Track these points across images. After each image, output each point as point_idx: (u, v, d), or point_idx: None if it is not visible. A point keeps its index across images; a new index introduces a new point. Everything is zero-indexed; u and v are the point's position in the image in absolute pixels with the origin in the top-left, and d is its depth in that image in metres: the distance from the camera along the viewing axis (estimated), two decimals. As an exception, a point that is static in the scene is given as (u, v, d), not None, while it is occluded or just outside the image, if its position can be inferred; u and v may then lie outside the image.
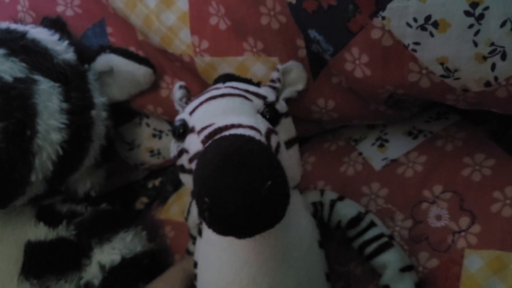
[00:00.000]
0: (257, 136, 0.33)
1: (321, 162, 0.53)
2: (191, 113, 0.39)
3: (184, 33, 0.48)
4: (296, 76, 0.46)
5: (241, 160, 0.29)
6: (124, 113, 0.58)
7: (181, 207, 0.59)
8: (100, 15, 0.55)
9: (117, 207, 0.55)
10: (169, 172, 0.64)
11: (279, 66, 0.45)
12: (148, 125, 0.59)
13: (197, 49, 0.48)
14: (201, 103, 0.39)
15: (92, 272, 0.49)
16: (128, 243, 0.51)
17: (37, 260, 0.48)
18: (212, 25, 0.48)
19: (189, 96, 0.46)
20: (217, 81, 0.44)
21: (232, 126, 0.34)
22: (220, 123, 0.34)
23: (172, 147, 0.41)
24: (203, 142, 0.34)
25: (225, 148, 0.30)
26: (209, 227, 0.31)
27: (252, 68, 0.48)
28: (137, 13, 0.50)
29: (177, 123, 0.39)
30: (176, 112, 0.54)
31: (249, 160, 0.30)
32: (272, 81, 0.44)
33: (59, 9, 0.55)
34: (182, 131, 0.38)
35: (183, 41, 0.49)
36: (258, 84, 0.44)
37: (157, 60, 0.53)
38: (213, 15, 0.48)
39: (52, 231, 0.49)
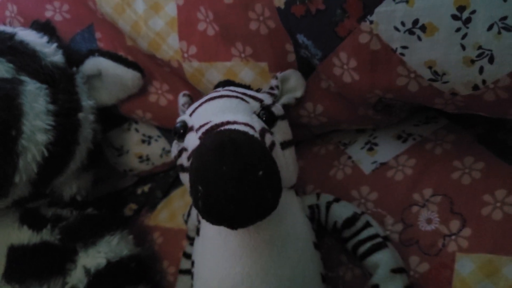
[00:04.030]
0: (251, 131, 0.35)
1: (310, 166, 0.53)
2: (191, 114, 0.41)
3: (172, 39, 0.48)
4: (294, 84, 0.47)
5: (234, 150, 0.31)
6: (112, 118, 0.57)
7: (170, 213, 0.58)
8: (88, 20, 0.55)
9: (103, 212, 0.55)
10: (158, 178, 0.63)
11: (278, 74, 0.46)
12: (137, 130, 0.59)
13: (185, 55, 0.48)
14: (200, 105, 0.41)
15: (77, 277, 0.48)
16: (114, 247, 0.50)
17: (19, 264, 0.47)
18: (200, 31, 0.48)
19: (191, 102, 0.47)
20: (217, 86, 0.46)
21: (228, 122, 0.36)
22: (217, 120, 0.36)
23: (173, 148, 0.42)
24: (200, 138, 0.36)
25: (219, 139, 0.32)
26: (203, 216, 0.32)
27: (240, 74, 0.48)
28: (125, 18, 0.49)
29: (177, 124, 0.40)
30: (165, 118, 0.54)
31: (242, 150, 0.31)
32: (271, 88, 0.45)
33: (48, 14, 0.55)
34: (182, 132, 0.40)
35: (171, 47, 0.48)
36: (257, 91, 0.45)
37: (146, 65, 0.52)
38: (201, 21, 0.48)
39: (36, 235, 0.48)
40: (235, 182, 0.30)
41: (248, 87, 0.46)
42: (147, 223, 0.60)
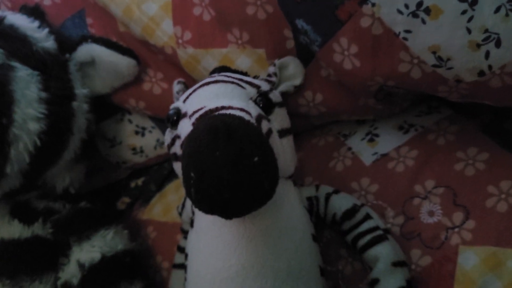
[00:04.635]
0: (246, 117, 0.34)
1: (309, 158, 0.51)
2: (184, 100, 0.39)
3: (166, 24, 0.47)
4: (293, 71, 0.46)
5: (228, 135, 0.30)
6: (105, 108, 0.55)
7: (164, 207, 0.57)
8: (79, 5, 0.53)
9: (97, 205, 0.53)
10: (152, 171, 0.61)
11: (276, 61, 0.45)
12: (130, 121, 0.57)
13: (180, 41, 0.47)
14: (194, 90, 0.39)
15: (70, 271, 0.46)
16: (109, 241, 0.48)
17: (10, 259, 0.45)
18: (195, 16, 0.46)
19: (186, 90, 0.45)
20: (212, 72, 0.44)
21: (223, 107, 0.34)
22: (211, 105, 0.35)
23: (166, 136, 0.41)
24: (194, 124, 0.34)
25: (212, 124, 0.30)
26: (195, 205, 0.30)
27: (237, 61, 0.46)
28: (117, 2, 0.48)
29: (170, 111, 0.39)
30: (159, 107, 0.52)
31: (236, 135, 0.30)
32: (268, 75, 0.44)
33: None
34: (175, 118, 0.38)
35: (165, 32, 0.47)
36: (254, 78, 0.43)
37: (139, 52, 0.51)
38: (196, 5, 0.46)
39: (27, 229, 0.47)
40: (229, 168, 0.29)
41: (245, 74, 0.44)
42: (140, 217, 0.58)
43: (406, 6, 0.35)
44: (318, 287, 0.38)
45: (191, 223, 0.42)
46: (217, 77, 0.40)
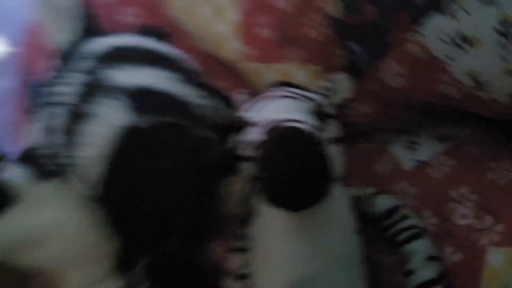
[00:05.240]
0: (307, 129, 0.40)
1: (354, 161, 0.56)
2: (249, 110, 0.46)
3: (235, 41, 0.54)
4: (344, 86, 0.51)
5: (295, 146, 0.37)
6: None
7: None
8: (155, 22, 0.60)
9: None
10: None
11: (329, 77, 0.51)
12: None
13: (246, 56, 0.54)
14: (262, 103, 0.46)
15: None
16: None
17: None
18: (261, 35, 0.53)
19: (249, 99, 0.52)
20: (275, 86, 0.50)
21: (289, 120, 0.41)
22: (279, 118, 0.41)
23: (230, 140, 0.47)
24: (262, 133, 0.41)
25: (282, 136, 0.38)
26: (268, 200, 0.38)
27: (295, 75, 0.52)
28: (195, 22, 0.55)
29: (236, 119, 0.46)
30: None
31: (302, 146, 0.37)
32: (322, 89, 0.50)
33: (121, 17, 0.61)
34: (241, 126, 0.45)
35: (234, 49, 0.54)
36: (310, 92, 0.49)
37: (209, 63, 0.57)
38: (262, 26, 0.53)
39: None
40: (296, 172, 0.36)
41: (302, 87, 0.51)
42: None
43: (449, 37, 0.40)
44: (361, 273, 0.44)
45: (255, 213, 0.49)
46: (281, 92, 0.47)
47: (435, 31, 0.41)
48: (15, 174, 0.42)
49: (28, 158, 0.44)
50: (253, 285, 0.49)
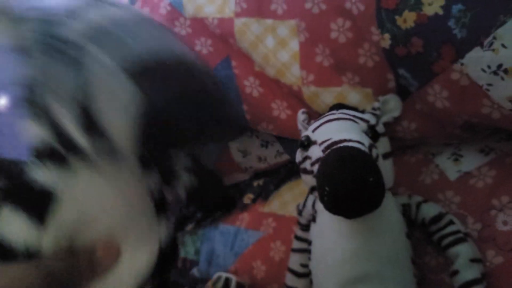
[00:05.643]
0: (362, 148, 0.46)
1: (402, 172, 0.62)
2: (313, 131, 0.53)
3: (295, 68, 0.61)
4: (393, 106, 0.57)
5: (352, 163, 0.43)
6: (241, 130, 0.72)
7: (282, 203, 0.72)
8: (226, 52, 0.68)
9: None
10: (271, 174, 0.77)
11: (380, 98, 0.57)
12: (257, 137, 0.74)
13: (305, 81, 0.61)
14: (321, 124, 0.53)
15: None
16: None
17: None
18: (317, 62, 0.60)
19: (309, 119, 0.60)
20: (332, 108, 0.58)
21: (345, 140, 0.47)
22: (336, 138, 0.48)
23: (297, 154, 0.55)
24: (323, 151, 0.48)
25: (340, 154, 0.44)
26: (327, 209, 0.44)
27: (349, 97, 0.59)
28: (258, 52, 0.63)
29: (303, 138, 0.53)
30: (284, 129, 0.67)
31: (357, 163, 0.44)
32: (373, 109, 0.56)
33: (197, 47, 0.70)
34: (307, 144, 0.52)
35: (293, 74, 0.61)
36: (362, 111, 0.56)
37: (271, 87, 0.65)
38: (319, 54, 0.60)
39: None
40: (353, 185, 0.43)
41: (355, 108, 0.57)
42: (262, 210, 0.73)
43: (489, 67, 0.46)
44: (410, 273, 0.51)
45: (313, 219, 0.57)
46: (338, 114, 0.53)
47: (476, 63, 0.46)
48: (44, 174, 0.42)
49: (45, 153, 0.43)
50: (311, 283, 0.57)
